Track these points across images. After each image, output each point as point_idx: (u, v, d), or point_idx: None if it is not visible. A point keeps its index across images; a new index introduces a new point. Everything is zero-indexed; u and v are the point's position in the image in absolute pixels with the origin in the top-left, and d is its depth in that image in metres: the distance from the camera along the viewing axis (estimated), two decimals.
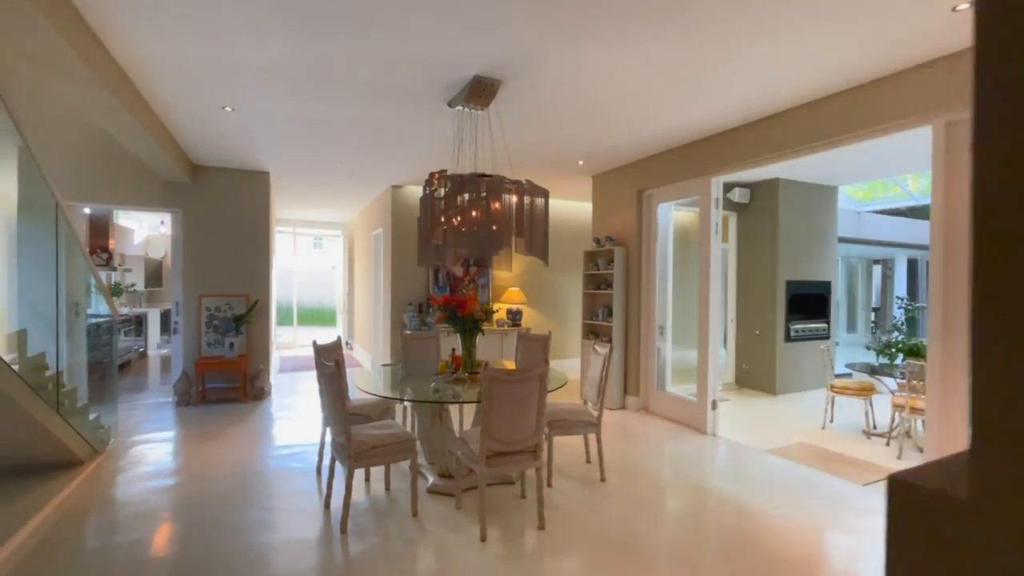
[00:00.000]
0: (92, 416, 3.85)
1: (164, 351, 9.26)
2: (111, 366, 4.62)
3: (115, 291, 8.26)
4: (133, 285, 9.06)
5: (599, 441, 3.53)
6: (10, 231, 3.57)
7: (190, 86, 3.45)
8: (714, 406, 4.60)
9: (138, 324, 8.64)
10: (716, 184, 4.53)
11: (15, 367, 2.86)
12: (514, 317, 7.13)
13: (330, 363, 2.81)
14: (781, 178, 6.37)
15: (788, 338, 6.50)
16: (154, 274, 9.78)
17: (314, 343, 3.53)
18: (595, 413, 3.53)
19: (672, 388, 5.36)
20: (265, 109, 3.89)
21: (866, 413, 4.73)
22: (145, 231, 9.93)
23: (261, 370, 5.95)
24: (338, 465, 3.05)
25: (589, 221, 7.30)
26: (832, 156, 4.10)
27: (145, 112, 3.74)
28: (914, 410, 4.01)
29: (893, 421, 4.44)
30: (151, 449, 4.09)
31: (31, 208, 3.46)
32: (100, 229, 8.06)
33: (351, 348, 10.07)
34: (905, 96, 3.08)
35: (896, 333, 5.92)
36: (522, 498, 3.19)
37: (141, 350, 8.78)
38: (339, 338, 3.91)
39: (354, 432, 2.84)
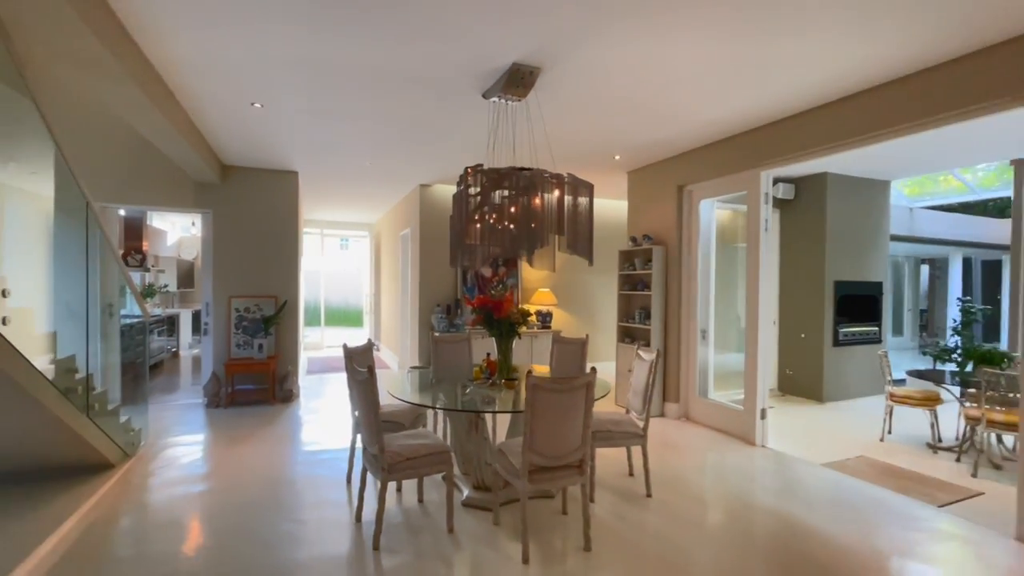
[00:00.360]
0: (123, 418, 3.81)
1: (195, 351, 9.37)
2: (142, 368, 4.59)
3: (148, 292, 8.38)
4: (166, 286, 9.20)
5: (645, 454, 3.29)
6: (47, 233, 3.55)
7: (220, 82, 3.36)
8: (763, 415, 4.30)
9: (170, 324, 8.75)
10: (766, 178, 4.23)
11: (51, 367, 2.81)
12: (544, 319, 6.92)
13: (363, 369, 2.65)
14: (829, 172, 6.00)
15: (836, 342, 6.13)
16: (186, 275, 9.93)
17: (344, 347, 3.40)
18: (640, 423, 3.30)
19: (715, 395, 5.07)
20: (294, 105, 3.79)
21: (931, 425, 4.36)
22: (178, 233, 10.09)
23: (290, 372, 5.89)
24: (369, 475, 2.90)
25: (620, 219, 7.04)
26: (887, 147, 3.75)
27: (176, 111, 3.68)
28: (991, 423, 3.65)
29: (964, 434, 4.07)
30: (181, 453, 4.03)
31: (65, 210, 3.43)
32: (134, 231, 8.19)
33: (378, 349, 10.01)
34: (995, 74, 2.75)
35: (956, 337, 5.49)
36: (563, 514, 2.98)
37: (173, 350, 8.89)
38: (369, 341, 3.77)
39: (387, 442, 2.68)
